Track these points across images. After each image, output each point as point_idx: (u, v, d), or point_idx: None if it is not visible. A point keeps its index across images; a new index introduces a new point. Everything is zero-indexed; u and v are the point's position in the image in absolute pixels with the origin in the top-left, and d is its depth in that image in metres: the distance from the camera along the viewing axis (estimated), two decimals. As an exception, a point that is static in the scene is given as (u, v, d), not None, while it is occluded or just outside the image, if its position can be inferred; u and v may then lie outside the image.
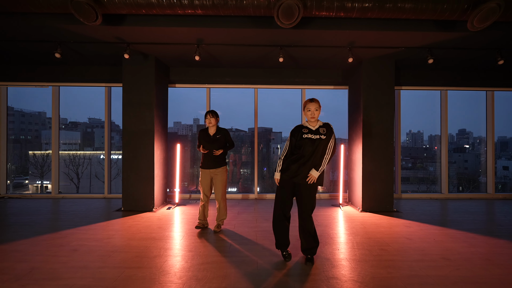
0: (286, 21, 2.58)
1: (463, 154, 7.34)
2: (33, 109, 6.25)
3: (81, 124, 7.56)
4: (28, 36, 3.29)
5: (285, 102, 5.57)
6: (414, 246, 2.64)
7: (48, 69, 4.55)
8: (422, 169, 7.86)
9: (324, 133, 2.16)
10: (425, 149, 7.58)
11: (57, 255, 2.37)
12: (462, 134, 8.18)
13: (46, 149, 6.13)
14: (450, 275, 2.05)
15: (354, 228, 3.21)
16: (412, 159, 8.89)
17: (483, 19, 2.59)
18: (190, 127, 7.69)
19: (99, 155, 7.12)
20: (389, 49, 3.59)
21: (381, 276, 2.01)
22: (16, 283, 1.90)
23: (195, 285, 1.87)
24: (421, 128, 6.81)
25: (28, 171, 7.85)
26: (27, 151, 6.90)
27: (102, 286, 1.86)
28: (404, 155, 9.05)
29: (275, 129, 6.79)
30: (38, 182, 7.63)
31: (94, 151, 7.71)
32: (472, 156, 6.83)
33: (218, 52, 3.80)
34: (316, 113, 2.15)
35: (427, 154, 7.46)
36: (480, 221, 3.52)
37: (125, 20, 2.94)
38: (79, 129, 7.68)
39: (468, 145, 7.34)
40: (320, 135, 2.14)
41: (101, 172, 6.63)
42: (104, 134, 7.78)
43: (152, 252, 2.44)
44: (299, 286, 1.87)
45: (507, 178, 7.20)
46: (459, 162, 7.69)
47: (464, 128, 7.08)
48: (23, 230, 3.03)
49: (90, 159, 7.56)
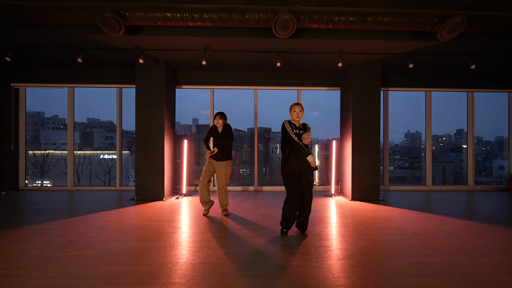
0: (282, 33, 3.02)
1: (460, 154, 7.63)
2: (32, 109, 6.53)
3: (80, 124, 7.84)
4: (56, 44, 3.70)
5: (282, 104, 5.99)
6: (391, 225, 3.08)
7: (65, 71, 4.96)
8: (419, 168, 8.15)
9: (301, 128, 2.68)
10: (423, 149, 7.88)
11: (88, 232, 2.79)
12: (459, 134, 8.48)
13: (45, 149, 6.41)
14: (417, 244, 2.49)
15: (343, 213, 3.65)
16: (410, 158, 9.18)
17: (451, 31, 3.04)
18: (189, 127, 8.07)
19: (99, 155, 7.25)
20: (374, 55, 4.03)
21: (360, 245, 2.45)
22: (60, 250, 2.32)
23: (207, 251, 2.30)
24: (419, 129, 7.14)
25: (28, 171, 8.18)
26: (27, 151, 7.23)
27: (131, 252, 2.28)
28: (402, 155, 9.39)
29: (274, 129, 7.21)
30: (38, 182, 7.94)
31: (93, 151, 7.56)
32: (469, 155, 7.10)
33: (222, 57, 4.23)
34: (300, 114, 2.64)
35: (425, 154, 7.75)
36: (455, 207, 3.97)
37: (142, 30, 3.37)
38: (78, 129, 7.95)
39: (465, 145, 7.71)
40: (301, 130, 2.65)
41: (101, 171, 6.95)
42: (103, 134, 8.08)
43: (168, 230, 2.87)
44: (293, 251, 2.30)
45: (503, 177, 7.65)
46: (456, 162, 8.04)
47: (462, 129, 7.43)
48: (52, 214, 3.45)
49: (90, 158, 7.87)
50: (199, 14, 2.98)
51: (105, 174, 7.11)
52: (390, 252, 2.30)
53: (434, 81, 5.19)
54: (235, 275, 1.89)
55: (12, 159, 5.12)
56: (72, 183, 5.30)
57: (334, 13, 3.01)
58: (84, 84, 5.09)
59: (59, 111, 7.16)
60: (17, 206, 3.90)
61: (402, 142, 11.32)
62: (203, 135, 5.97)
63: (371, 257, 2.20)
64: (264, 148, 6.03)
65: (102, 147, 7.82)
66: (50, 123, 7.16)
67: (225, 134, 3.35)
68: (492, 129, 6.27)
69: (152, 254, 2.23)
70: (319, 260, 2.13)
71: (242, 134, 6.72)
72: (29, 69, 4.96)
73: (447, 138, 9.57)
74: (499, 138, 7.31)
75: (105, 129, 8.42)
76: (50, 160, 6.06)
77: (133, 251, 2.30)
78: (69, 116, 5.29)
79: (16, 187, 5.15)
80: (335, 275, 1.89)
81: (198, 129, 6.54)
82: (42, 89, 5.33)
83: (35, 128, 9.28)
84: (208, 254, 2.23)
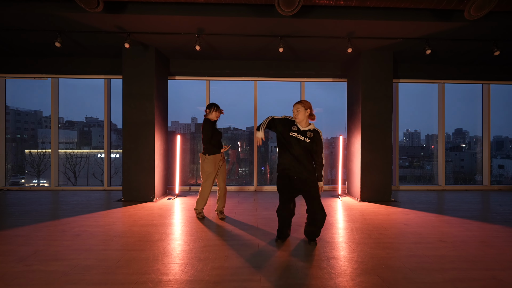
0: (286, 8, 2.61)
1: (459, 153, 7.44)
2: (29, 108, 6.18)
3: (78, 123, 7.50)
4: (29, 25, 3.28)
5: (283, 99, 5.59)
6: (411, 230, 2.69)
7: (47, 61, 4.54)
8: (419, 167, 7.95)
9: (311, 137, 2.18)
10: (422, 148, 7.66)
11: (60, 240, 2.39)
12: (458, 134, 8.30)
13: (42, 148, 6.07)
14: (446, 254, 2.11)
15: (353, 215, 3.26)
16: (409, 158, 8.95)
17: (480, 8, 2.64)
18: (188, 126, 7.70)
19: (97, 154, 7.09)
20: (387, 40, 3.64)
21: (380, 256, 2.06)
22: (21, 263, 1.92)
23: (198, 264, 1.91)
24: (418, 128, 6.82)
25: (25, 170, 7.83)
26: (23, 150, 6.85)
27: (105, 266, 1.89)
28: (402, 154, 9.09)
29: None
30: (34, 181, 7.61)
31: (91, 150, 7.36)
32: (468, 155, 6.89)
33: (218, 43, 3.82)
34: (297, 113, 2.19)
35: (424, 153, 7.52)
36: (475, 209, 3.60)
37: (126, 8, 2.95)
38: (76, 128, 7.61)
39: (464, 144, 7.41)
40: (305, 138, 2.17)
41: (99, 171, 6.66)
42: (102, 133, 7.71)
43: (154, 237, 2.47)
44: (301, 265, 1.91)
45: (502, 176, 7.37)
46: (455, 161, 7.77)
47: (461, 128, 7.14)
48: (24, 218, 3.04)
49: (87, 158, 7.54)
50: (191, -13, 2.57)
51: (103, 173, 6.85)
52: (417, 266, 1.91)
53: (448, 73, 4.79)
54: None
55: (-10, 157, 4.70)
56: (56, 182, 4.89)
57: (346, -13, 2.60)
58: (69, 74, 4.67)
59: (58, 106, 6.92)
60: (-11, 208, 3.49)
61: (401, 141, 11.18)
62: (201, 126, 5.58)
63: (395, 272, 1.81)
64: (263, 147, 5.65)
65: (100, 146, 7.51)
66: (48, 121, 6.92)
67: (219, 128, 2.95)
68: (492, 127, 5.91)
69: (130, 269, 1.83)
70: (333, 277, 1.74)
71: (240, 133, 6.32)
72: (9, 59, 4.53)
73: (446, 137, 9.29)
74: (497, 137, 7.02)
75: (103, 128, 8.13)
76: (46, 159, 5.87)
77: (107, 265, 1.90)
78: (53, 110, 4.87)
79: (-6, 187, 4.73)
80: (357, 299, 1.50)
81: (197, 128, 6.17)
82: (40, 88, 4.92)
83: (32, 127, 8.90)
84: (199, 269, 1.83)
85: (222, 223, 2.91)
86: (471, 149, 7.14)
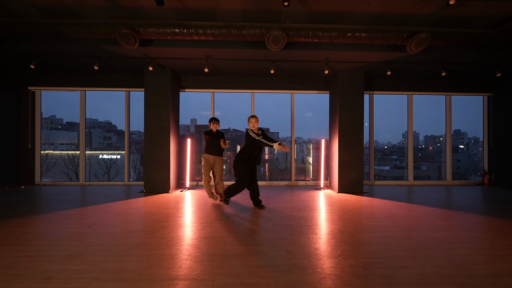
0: (274, 46, 3.52)
1: (456, 154, 7.91)
2: None
3: (77, 124, 8.11)
4: (75, 53, 4.19)
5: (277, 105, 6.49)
6: (368, 211, 3.59)
7: (78, 76, 5.43)
8: (415, 168, 8.42)
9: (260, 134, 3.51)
10: (420, 149, 8.17)
11: (108, 216, 3.27)
12: (457, 135, 8.76)
13: (44, 149, 6.62)
14: (385, 224, 3.00)
15: (329, 202, 4.15)
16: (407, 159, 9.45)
17: (418, 45, 3.56)
18: (188, 127, 8.52)
19: (98, 155, 7.41)
20: (357, 63, 4.55)
21: (338, 225, 2.96)
22: (89, 228, 2.80)
23: (211, 229, 2.79)
24: (417, 129, 7.47)
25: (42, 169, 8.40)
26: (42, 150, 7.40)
27: (147, 230, 2.77)
28: (399, 155, 9.79)
29: (272, 129, 7.69)
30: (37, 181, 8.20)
31: (92, 151, 7.55)
32: (465, 156, 7.32)
33: (222, 65, 4.73)
34: (256, 124, 3.52)
35: (422, 154, 8.02)
36: (428, 198, 4.49)
37: (153, 43, 3.86)
38: (76, 129, 8.08)
39: (462, 146, 7.98)
40: (260, 136, 3.48)
41: (100, 171, 7.18)
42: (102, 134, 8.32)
43: (176, 214, 3.36)
44: (282, 229, 2.80)
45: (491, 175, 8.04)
46: (452, 162, 8.38)
47: (459, 129, 7.72)
48: (73, 203, 3.92)
49: (89, 159, 8.19)
50: (203, 30, 3.47)
51: (104, 174, 7.35)
52: (361, 229, 2.81)
53: (414, 85, 5.72)
54: (234, 243, 2.39)
55: (29, 157, 5.57)
56: (84, 178, 5.76)
57: (319, 29, 3.52)
58: (95, 87, 5.56)
59: (56, 112, 7.33)
60: (39, 198, 4.36)
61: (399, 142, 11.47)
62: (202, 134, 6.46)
63: (345, 233, 2.70)
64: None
65: (100, 147, 8.16)
66: (48, 123, 7.34)
67: (219, 134, 3.99)
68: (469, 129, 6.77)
69: (165, 231, 2.72)
70: (303, 234, 2.63)
71: (239, 134, 7.19)
72: (45, 74, 5.42)
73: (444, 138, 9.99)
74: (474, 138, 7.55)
75: (103, 129, 8.75)
76: (49, 160, 6.25)
77: (149, 229, 2.78)
78: (81, 117, 5.75)
79: (32, 182, 5.60)
80: (314, 244, 2.39)
81: (196, 129, 6.99)
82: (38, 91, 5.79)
83: None
84: (212, 231, 2.72)
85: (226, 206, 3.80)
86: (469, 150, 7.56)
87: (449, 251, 2.27)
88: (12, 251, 2.22)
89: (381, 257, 2.14)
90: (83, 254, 2.15)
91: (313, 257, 2.12)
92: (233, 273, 1.86)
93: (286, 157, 6.76)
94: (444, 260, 2.09)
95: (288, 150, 3.38)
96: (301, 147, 6.68)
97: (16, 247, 2.29)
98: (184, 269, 1.91)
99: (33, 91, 5.60)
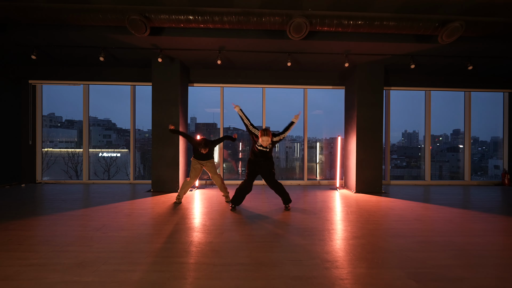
0: (296, 35, 3.27)
1: (456, 154, 7.79)
2: None
3: (77, 122, 7.88)
4: (80, 43, 3.92)
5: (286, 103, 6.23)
6: (394, 213, 3.36)
7: (81, 69, 5.17)
8: (416, 167, 8.25)
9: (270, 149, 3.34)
10: (420, 148, 8.06)
11: (117, 218, 3.03)
12: (456, 134, 8.63)
13: (43, 147, 6.46)
14: (417, 228, 2.77)
15: (349, 203, 3.92)
16: (407, 158, 9.30)
17: (450, 35, 3.30)
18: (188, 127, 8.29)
19: (98, 153, 7.38)
20: (379, 56, 4.30)
21: (368, 229, 2.72)
22: (98, 232, 2.56)
23: (231, 233, 2.56)
24: (417, 128, 7.29)
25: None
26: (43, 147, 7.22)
27: (162, 233, 2.53)
28: (399, 154, 9.57)
29: (272, 128, 7.41)
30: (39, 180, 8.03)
31: (92, 149, 7.69)
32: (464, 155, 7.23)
33: (234, 57, 4.47)
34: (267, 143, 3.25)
35: (422, 154, 7.98)
36: (452, 199, 4.27)
37: (164, 31, 3.59)
38: (75, 127, 7.93)
39: (462, 145, 7.90)
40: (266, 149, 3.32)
41: (100, 169, 7.05)
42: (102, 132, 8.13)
43: (190, 216, 3.12)
44: (308, 233, 2.57)
45: (498, 177, 7.96)
46: (452, 161, 8.19)
47: (458, 129, 7.58)
48: (78, 203, 3.68)
49: (89, 156, 8.01)
50: (219, 17, 3.21)
51: (104, 172, 7.24)
52: (394, 233, 2.58)
53: (433, 81, 5.47)
54: (261, 250, 2.15)
55: (30, 154, 5.32)
56: (87, 177, 5.52)
57: (344, 17, 3.26)
58: (99, 81, 5.29)
59: (55, 109, 7.10)
60: (41, 197, 4.12)
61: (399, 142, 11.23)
62: (203, 134, 6.21)
63: (378, 237, 2.47)
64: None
65: (100, 145, 7.96)
66: (47, 121, 7.09)
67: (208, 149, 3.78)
68: (488, 129, 6.54)
69: (182, 235, 2.48)
70: (333, 239, 2.40)
71: (240, 133, 6.93)
72: (46, 67, 5.15)
73: (444, 138, 9.77)
74: (495, 138, 7.49)
75: (103, 127, 8.55)
76: (49, 158, 6.09)
77: (163, 233, 2.54)
78: (84, 113, 5.49)
79: (33, 181, 5.35)
80: (348, 250, 2.16)
81: (197, 127, 6.74)
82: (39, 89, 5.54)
83: None
84: (233, 235, 2.48)
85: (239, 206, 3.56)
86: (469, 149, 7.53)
87: (502, 260, 2.04)
88: (15, 258, 1.98)
89: (429, 266, 1.91)
90: (95, 263, 1.91)
91: (352, 267, 1.88)
92: (270, 287, 1.63)
93: (286, 156, 6.54)
94: (501, 270, 1.86)
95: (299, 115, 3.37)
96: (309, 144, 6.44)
97: (19, 254, 2.05)
98: (213, 281, 1.68)
99: (34, 84, 5.33)
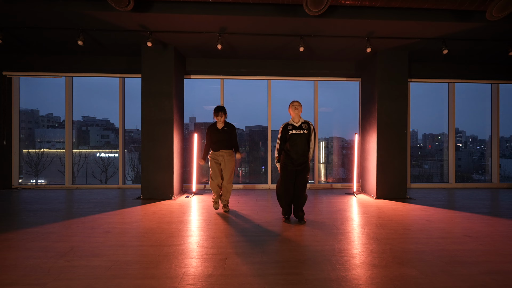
0: (314, 8, 2.65)
1: (456, 152, 7.56)
2: (26, 107, 6.14)
3: (75, 122, 7.47)
4: (49, 24, 3.29)
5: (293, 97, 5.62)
6: (435, 226, 2.75)
7: (62, 59, 4.54)
8: (417, 167, 7.99)
9: (306, 128, 2.72)
10: (420, 147, 7.74)
11: (92, 236, 2.41)
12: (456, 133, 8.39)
13: (39, 147, 6.05)
14: (475, 249, 2.17)
15: (372, 212, 3.32)
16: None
17: (502, 9, 2.70)
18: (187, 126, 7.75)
19: (95, 153, 7.05)
20: (404, 40, 3.69)
21: (412, 250, 2.12)
22: (62, 259, 1.94)
23: (236, 259, 1.94)
24: (415, 127, 6.89)
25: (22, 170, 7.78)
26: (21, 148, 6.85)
27: (146, 261, 1.92)
28: None
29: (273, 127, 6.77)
30: (32, 181, 7.59)
31: (89, 150, 7.33)
32: (465, 154, 6.96)
33: (237, 42, 3.85)
34: (300, 108, 2.71)
35: (422, 153, 7.64)
36: (490, 206, 3.67)
37: (152, 7, 2.97)
38: (74, 127, 7.61)
39: (461, 144, 7.54)
40: (303, 130, 2.70)
41: (98, 170, 6.61)
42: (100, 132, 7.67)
43: (184, 232, 2.50)
44: (336, 259, 1.96)
45: (500, 175, 7.53)
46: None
47: (457, 127, 7.24)
48: (50, 215, 3.05)
49: (86, 157, 7.54)
50: (220, -14, 2.60)
51: (102, 173, 6.85)
52: (450, 259, 1.97)
53: (459, 72, 4.87)
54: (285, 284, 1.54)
55: (5, 156, 4.68)
56: (70, 181, 4.89)
57: (373, -13, 2.65)
58: (83, 73, 4.67)
59: (53, 109, 6.92)
60: (10, 206, 3.49)
61: None
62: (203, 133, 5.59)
63: (432, 266, 1.86)
64: (263, 147, 5.67)
65: (98, 146, 7.52)
66: (44, 121, 6.92)
67: (226, 129, 3.17)
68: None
69: (172, 263, 1.86)
70: (372, 268, 1.79)
71: (239, 133, 6.33)
72: (23, 57, 4.52)
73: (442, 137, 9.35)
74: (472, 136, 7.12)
75: (101, 127, 8.14)
76: (45, 158, 5.81)
77: (148, 260, 1.93)
78: (67, 109, 4.86)
79: (9, 186, 4.72)
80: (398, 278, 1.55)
81: (196, 127, 6.20)
82: (37, 87, 4.93)
83: (29, 126, 8.87)
84: (244, 263, 1.87)
85: (243, 217, 2.95)
86: (468, 148, 7.25)
87: None
88: None
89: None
90: (39, 318, 1.29)
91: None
92: None
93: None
94: None
95: None
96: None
97: None
98: None
99: (9, 76, 4.69)
